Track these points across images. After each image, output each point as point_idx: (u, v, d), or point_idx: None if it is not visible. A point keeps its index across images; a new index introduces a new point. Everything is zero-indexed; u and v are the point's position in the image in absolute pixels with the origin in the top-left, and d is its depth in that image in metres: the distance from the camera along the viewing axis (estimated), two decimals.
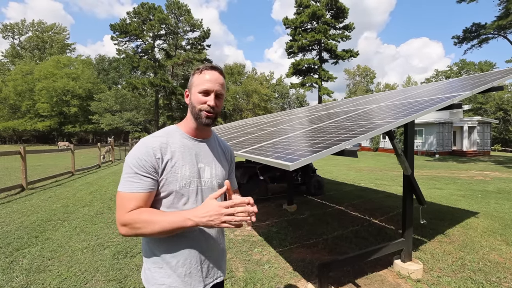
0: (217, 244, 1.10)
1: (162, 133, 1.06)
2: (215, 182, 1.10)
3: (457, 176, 9.95)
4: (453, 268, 2.95)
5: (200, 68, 1.06)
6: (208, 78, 1.03)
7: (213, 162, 1.11)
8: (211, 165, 1.10)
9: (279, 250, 3.47)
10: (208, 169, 1.08)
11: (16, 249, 3.38)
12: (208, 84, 1.02)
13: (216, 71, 1.05)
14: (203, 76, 1.03)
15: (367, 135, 1.91)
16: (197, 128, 1.08)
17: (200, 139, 1.10)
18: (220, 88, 1.04)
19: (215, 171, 1.10)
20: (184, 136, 1.07)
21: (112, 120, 34.75)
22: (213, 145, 1.16)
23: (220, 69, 1.08)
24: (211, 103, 1.02)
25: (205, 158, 1.09)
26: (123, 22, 34.18)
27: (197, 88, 1.03)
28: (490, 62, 46.31)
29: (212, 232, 1.08)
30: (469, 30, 22.40)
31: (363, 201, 5.93)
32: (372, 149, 26.01)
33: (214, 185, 1.09)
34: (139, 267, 2.96)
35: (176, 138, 1.05)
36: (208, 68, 1.05)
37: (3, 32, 46.05)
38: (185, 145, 1.05)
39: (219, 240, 1.13)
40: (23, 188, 6.87)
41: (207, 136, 1.14)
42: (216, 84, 1.03)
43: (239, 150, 2.76)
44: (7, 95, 35.63)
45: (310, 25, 34.66)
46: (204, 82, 1.02)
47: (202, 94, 1.02)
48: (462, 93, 2.61)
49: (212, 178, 1.09)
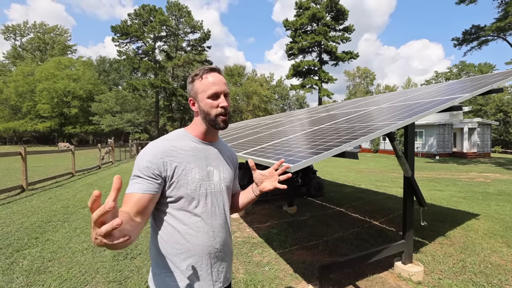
0: (226, 248, 1.10)
1: (172, 136, 1.07)
2: (223, 185, 1.10)
3: (458, 178, 9.94)
4: (454, 270, 2.94)
5: (198, 73, 1.05)
6: (212, 81, 1.03)
7: (221, 165, 1.12)
8: (220, 168, 1.10)
9: (279, 251, 3.47)
10: (217, 172, 1.09)
11: (16, 250, 3.38)
12: (215, 87, 1.02)
13: (216, 72, 1.05)
14: (206, 81, 1.03)
15: (368, 137, 1.92)
16: (207, 132, 1.08)
17: (208, 143, 1.11)
18: (226, 88, 1.05)
19: (223, 174, 1.11)
20: (193, 139, 1.08)
21: (112, 121, 34.73)
22: (221, 148, 1.16)
23: (219, 69, 1.08)
24: (224, 104, 1.03)
25: (214, 161, 1.09)
26: (124, 24, 34.29)
27: (204, 94, 1.03)
28: (489, 64, 46.37)
29: (222, 235, 1.07)
30: (468, 32, 22.45)
31: (364, 203, 5.92)
32: (372, 151, 26.00)
33: (222, 188, 1.09)
34: (140, 269, 2.95)
35: (185, 141, 1.05)
36: (207, 71, 1.05)
37: (5, 33, 46.18)
38: (195, 148, 1.06)
39: (228, 243, 1.12)
40: (24, 189, 6.87)
41: (215, 140, 1.14)
42: (222, 85, 1.04)
43: (241, 152, 2.77)
44: (8, 96, 35.69)
45: (310, 27, 34.72)
46: (211, 86, 1.02)
47: (212, 99, 1.02)
48: (462, 95, 2.61)
49: (221, 181, 1.09)
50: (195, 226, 1.00)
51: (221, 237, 1.06)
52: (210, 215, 1.04)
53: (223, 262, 1.08)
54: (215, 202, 1.06)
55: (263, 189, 1.11)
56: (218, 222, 1.06)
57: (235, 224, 4.64)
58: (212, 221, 1.04)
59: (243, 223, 4.65)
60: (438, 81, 49.10)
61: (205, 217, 1.02)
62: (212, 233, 1.03)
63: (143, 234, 3.94)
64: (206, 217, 1.02)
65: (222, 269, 1.07)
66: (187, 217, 1.00)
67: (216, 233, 1.04)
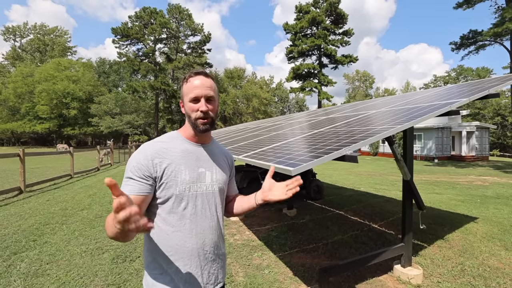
0: (217, 250, 1.10)
1: (163, 138, 1.08)
2: (216, 186, 1.10)
3: (456, 181, 9.97)
4: (453, 274, 2.95)
5: (185, 76, 1.07)
6: (195, 85, 1.03)
7: (214, 167, 1.11)
8: (212, 169, 1.10)
9: (279, 254, 3.46)
10: (209, 173, 1.09)
11: (13, 253, 3.36)
12: (196, 91, 1.02)
13: (201, 75, 1.05)
14: (190, 84, 1.04)
15: (367, 140, 1.93)
16: (196, 134, 1.09)
17: (201, 144, 1.11)
18: (209, 91, 1.04)
19: (216, 176, 1.11)
20: (185, 141, 1.09)
21: (112, 123, 34.73)
22: (214, 150, 1.16)
23: (205, 72, 1.07)
24: (203, 108, 1.02)
25: (206, 163, 1.09)
26: (125, 26, 34.43)
27: (187, 97, 1.04)
28: (487, 68, 46.75)
29: (213, 237, 1.07)
30: (466, 36, 22.66)
31: (363, 206, 5.93)
32: (372, 154, 26.05)
33: (214, 190, 1.09)
34: (138, 272, 2.95)
35: (177, 143, 1.07)
36: (193, 74, 1.05)
37: (5, 34, 46.22)
38: (186, 150, 1.06)
39: (220, 246, 1.12)
40: (21, 191, 6.84)
41: (207, 141, 1.14)
42: (204, 88, 1.03)
43: (241, 155, 2.77)
44: (6, 97, 35.63)
45: (310, 30, 34.93)
46: (192, 89, 1.03)
47: (193, 102, 1.03)
48: (459, 100, 2.64)
49: (213, 182, 1.09)
50: (184, 228, 1.01)
51: (211, 239, 1.06)
52: (200, 217, 1.04)
53: (215, 264, 1.09)
54: (206, 203, 1.06)
55: (271, 197, 1.06)
56: (209, 224, 1.06)
57: (234, 226, 4.63)
58: (202, 223, 1.04)
59: (242, 226, 4.65)
60: (437, 84, 49.36)
61: (194, 219, 1.02)
62: (202, 235, 1.04)
63: (141, 237, 3.92)
64: (196, 219, 1.03)
65: (213, 271, 1.08)
66: (175, 219, 1.00)
67: (206, 235, 1.05)
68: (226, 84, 46.05)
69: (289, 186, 1.03)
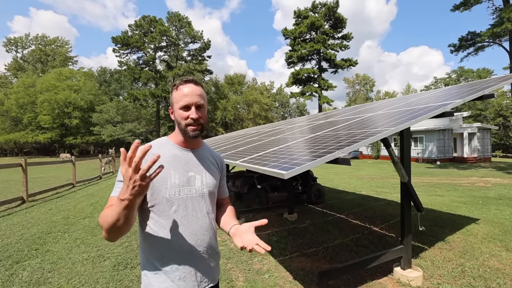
0: (210, 250, 1.13)
1: (153, 143, 1.12)
2: (206, 190, 1.13)
3: (458, 183, 9.93)
4: (453, 275, 2.94)
5: (175, 84, 1.11)
6: (185, 92, 1.06)
7: (204, 171, 1.15)
8: (202, 173, 1.14)
9: (279, 259, 3.47)
10: (199, 177, 1.12)
11: (16, 261, 3.39)
12: (186, 99, 1.06)
13: (191, 83, 1.09)
14: (180, 92, 1.08)
15: (360, 143, 1.96)
16: (186, 140, 1.13)
17: (190, 149, 1.15)
18: (199, 99, 1.07)
19: (206, 180, 1.14)
20: (174, 146, 1.13)
21: (113, 131, 34.96)
22: (204, 154, 1.20)
23: (195, 80, 1.11)
24: (193, 116, 1.06)
25: (196, 167, 1.13)
26: (125, 35, 34.88)
27: (177, 105, 1.08)
28: (487, 69, 46.88)
29: (205, 238, 1.11)
30: (464, 38, 22.79)
31: (364, 209, 5.92)
32: (374, 157, 25.98)
33: (204, 193, 1.13)
34: (139, 278, 2.96)
35: (166, 148, 1.11)
36: (183, 82, 1.10)
37: (7, 45, 46.93)
38: (175, 155, 1.10)
39: (213, 246, 1.15)
40: (24, 201, 6.89)
41: (197, 146, 1.18)
42: (194, 96, 1.06)
43: (238, 160, 2.81)
44: (9, 108, 36.00)
45: (309, 35, 35.25)
46: (182, 97, 1.06)
47: (183, 110, 1.07)
48: (453, 101, 2.67)
49: (203, 186, 1.13)
50: (175, 231, 1.04)
51: (203, 240, 1.10)
52: (191, 219, 1.07)
53: (208, 263, 1.12)
54: (197, 206, 1.09)
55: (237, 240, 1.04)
56: (200, 225, 1.09)
57: None
58: (194, 224, 1.07)
59: None
60: (438, 86, 49.47)
61: (186, 221, 1.06)
62: (194, 236, 1.07)
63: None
64: (187, 221, 1.06)
65: (207, 270, 1.11)
66: (167, 222, 1.04)
67: (198, 236, 1.08)
68: (226, 90, 46.28)
69: (261, 245, 1.00)
